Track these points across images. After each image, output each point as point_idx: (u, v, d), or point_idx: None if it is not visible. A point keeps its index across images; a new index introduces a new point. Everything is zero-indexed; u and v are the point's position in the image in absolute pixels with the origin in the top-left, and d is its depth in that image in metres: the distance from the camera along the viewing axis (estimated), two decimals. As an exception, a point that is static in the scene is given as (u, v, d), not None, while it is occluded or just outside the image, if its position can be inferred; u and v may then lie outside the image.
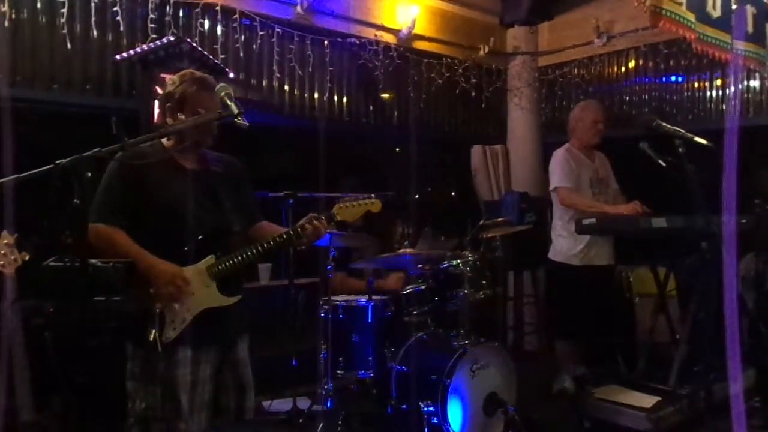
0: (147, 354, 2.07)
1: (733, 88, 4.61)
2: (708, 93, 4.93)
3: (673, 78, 5.12)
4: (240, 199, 2.35)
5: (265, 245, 2.22)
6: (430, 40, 5.38)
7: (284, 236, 2.26)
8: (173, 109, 2.16)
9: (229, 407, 2.24)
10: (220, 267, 2.15)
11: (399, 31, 5.12)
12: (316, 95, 4.76)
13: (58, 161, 1.40)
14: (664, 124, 2.54)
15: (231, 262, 2.18)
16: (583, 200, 3.86)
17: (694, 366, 3.29)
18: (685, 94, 5.07)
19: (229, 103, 1.88)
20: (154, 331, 2.02)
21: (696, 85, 5.00)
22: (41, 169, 1.41)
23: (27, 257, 2.58)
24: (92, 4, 3.67)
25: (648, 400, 3.33)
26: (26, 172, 1.46)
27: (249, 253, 2.21)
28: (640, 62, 5.32)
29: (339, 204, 2.38)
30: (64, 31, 3.59)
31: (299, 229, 2.26)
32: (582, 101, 4.33)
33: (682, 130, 2.47)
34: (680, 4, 3.09)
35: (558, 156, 3.97)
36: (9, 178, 1.35)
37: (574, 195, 3.86)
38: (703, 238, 2.75)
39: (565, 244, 3.96)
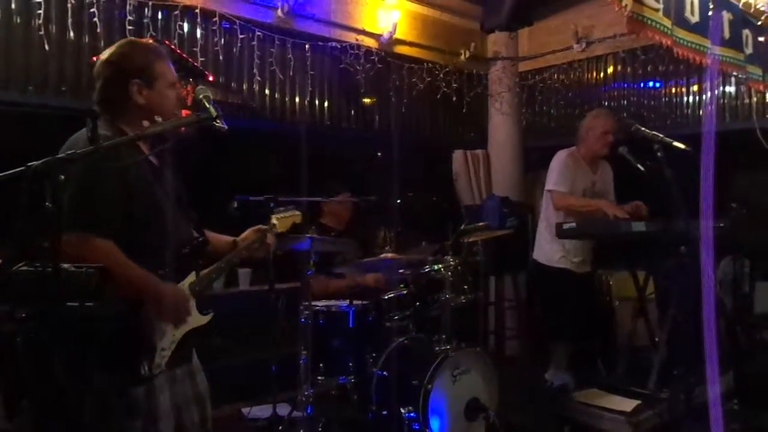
0: (130, 386, 1.79)
1: (709, 93, 4.68)
2: (685, 98, 5.00)
3: (651, 83, 5.19)
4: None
5: (236, 260, 2.15)
6: (411, 44, 5.39)
7: (251, 247, 2.23)
8: (141, 86, 1.87)
9: (193, 421, 2.00)
10: (201, 284, 1.98)
11: (380, 35, 5.11)
12: (297, 99, 4.73)
13: (29, 164, 1.36)
14: (643, 128, 2.57)
15: (208, 278, 2.03)
16: (577, 201, 3.83)
17: (673, 369, 3.32)
18: (663, 99, 5.14)
19: (207, 105, 1.81)
20: (147, 363, 1.79)
21: (673, 90, 5.07)
22: (12, 171, 1.37)
23: (-1, 262, 2.52)
24: (69, 5, 3.61)
25: (628, 404, 3.36)
26: (-2, 174, 1.42)
27: (222, 267, 2.08)
28: (619, 68, 5.38)
29: (276, 215, 2.42)
30: (40, 32, 3.52)
31: (262, 242, 2.24)
32: (594, 110, 4.25)
33: (661, 135, 2.49)
34: (657, 10, 3.13)
35: (559, 158, 3.95)
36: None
37: (568, 197, 3.83)
38: (682, 242, 2.78)
39: (547, 246, 3.97)
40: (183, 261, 1.93)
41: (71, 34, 3.65)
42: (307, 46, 4.69)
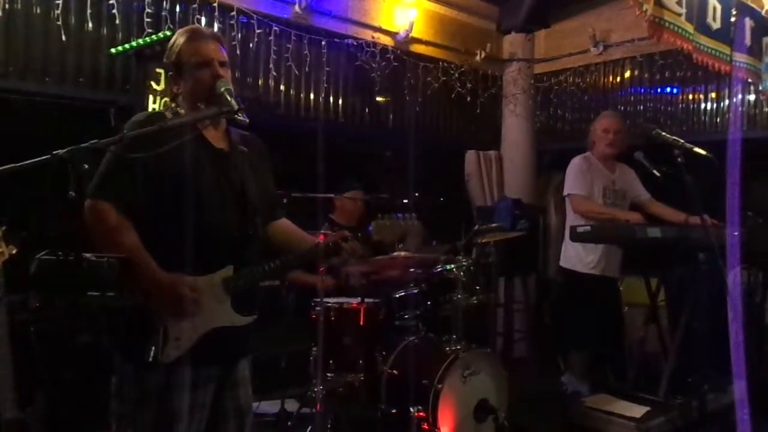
0: (141, 373, 1.77)
1: (735, 100, 4.63)
2: (702, 105, 4.96)
3: (668, 89, 5.15)
4: (263, 190, 2.00)
5: (292, 259, 1.94)
6: (427, 43, 5.37)
7: (314, 250, 1.95)
8: (174, 77, 1.92)
9: None
10: (238, 281, 1.82)
11: (396, 33, 5.10)
12: (311, 95, 4.73)
13: (54, 152, 1.36)
14: (664, 133, 2.54)
15: (252, 276, 1.85)
16: (594, 206, 3.79)
17: (686, 377, 3.29)
18: (680, 105, 5.10)
19: (229, 99, 1.80)
20: (154, 348, 1.73)
21: (691, 96, 5.03)
22: (37, 159, 1.37)
23: (14, 251, 2.53)
24: (88, -3, 3.63)
25: (638, 410, 3.34)
26: (20, 163, 1.42)
27: (273, 267, 1.87)
28: (636, 72, 5.34)
29: (377, 221, 2.02)
30: (59, 23, 3.53)
31: (334, 247, 1.93)
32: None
33: (682, 140, 2.47)
34: (679, 15, 3.11)
35: (573, 163, 3.92)
36: (4, 168, 1.31)
37: (586, 202, 3.81)
38: (699, 250, 2.76)
39: (575, 253, 3.92)
40: (218, 251, 1.81)
41: (90, 25, 3.66)
42: (323, 43, 4.69)
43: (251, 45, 4.34)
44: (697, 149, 2.45)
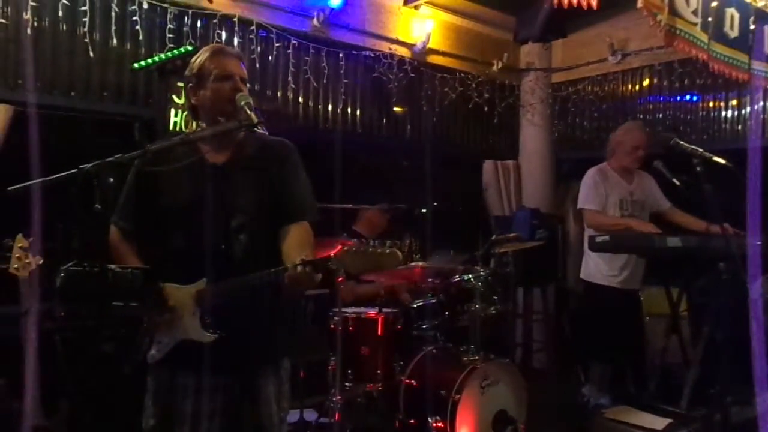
0: (153, 372, 1.91)
1: (755, 107, 4.57)
2: (723, 113, 4.91)
3: (688, 97, 5.10)
4: (269, 195, 1.93)
5: (257, 279, 1.79)
6: (444, 54, 5.40)
7: (264, 276, 1.79)
8: (194, 87, 1.96)
9: None
10: (207, 295, 1.82)
11: (413, 45, 5.14)
12: (329, 107, 4.78)
13: (81, 166, 1.40)
14: (683, 142, 2.52)
15: (218, 290, 1.82)
16: (607, 219, 3.76)
17: (709, 388, 3.24)
18: (700, 113, 5.05)
19: (249, 112, 1.83)
20: (141, 348, 1.88)
21: (711, 104, 4.98)
22: (65, 173, 1.41)
23: (41, 261, 2.60)
24: (113, 14, 3.72)
25: (659, 422, 3.29)
26: (46, 177, 1.46)
27: (242, 284, 1.80)
28: (655, 81, 5.30)
29: (345, 248, 1.73)
30: (85, 39, 3.63)
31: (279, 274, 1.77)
32: (627, 123, 4.21)
33: (701, 149, 2.45)
34: (694, 24, 3.11)
35: (588, 175, 3.89)
36: (33, 182, 1.36)
37: (598, 216, 3.79)
38: (720, 259, 2.73)
39: (594, 264, 3.90)
40: (196, 263, 1.83)
41: (114, 41, 3.75)
42: (341, 55, 4.75)
43: (270, 58, 4.40)
44: (716, 158, 2.43)
